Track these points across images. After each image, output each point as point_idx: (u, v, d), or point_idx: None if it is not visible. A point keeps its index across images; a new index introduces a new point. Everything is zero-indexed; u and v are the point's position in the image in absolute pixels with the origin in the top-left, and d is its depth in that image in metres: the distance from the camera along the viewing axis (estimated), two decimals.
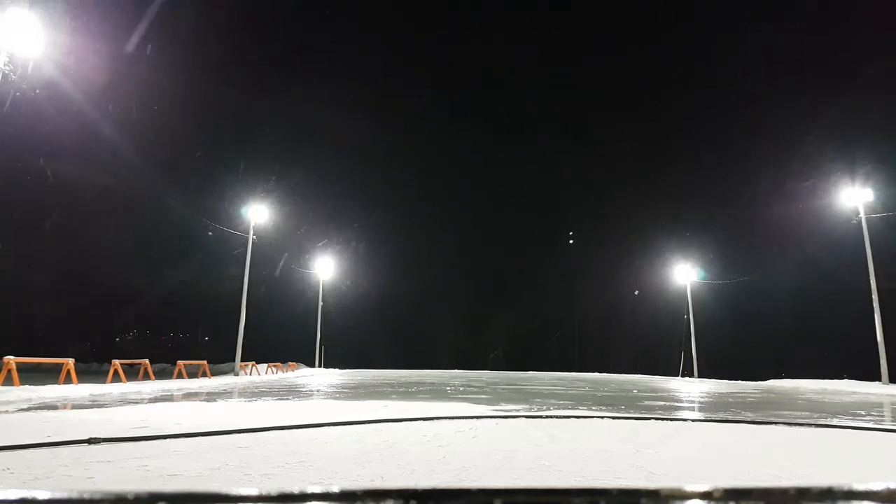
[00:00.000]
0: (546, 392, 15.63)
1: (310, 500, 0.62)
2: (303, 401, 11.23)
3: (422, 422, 6.85)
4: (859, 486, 0.64)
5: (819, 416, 9.53)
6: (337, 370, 38.78)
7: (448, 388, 16.50)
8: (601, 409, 9.85)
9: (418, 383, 19.76)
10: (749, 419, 8.50)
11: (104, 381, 15.02)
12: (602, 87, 77.07)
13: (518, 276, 65.80)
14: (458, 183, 79.13)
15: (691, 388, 20.76)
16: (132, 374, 19.01)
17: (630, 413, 9.08)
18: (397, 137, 71.26)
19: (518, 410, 9.35)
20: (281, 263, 37.39)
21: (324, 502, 0.62)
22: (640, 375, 37.51)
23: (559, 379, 27.88)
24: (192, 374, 21.42)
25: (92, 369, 30.79)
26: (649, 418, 7.81)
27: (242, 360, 25.81)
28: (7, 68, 13.45)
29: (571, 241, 60.39)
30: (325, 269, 41.86)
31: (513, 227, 77.51)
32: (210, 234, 28.37)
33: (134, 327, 66.09)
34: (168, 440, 4.90)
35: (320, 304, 40.78)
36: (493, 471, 3.87)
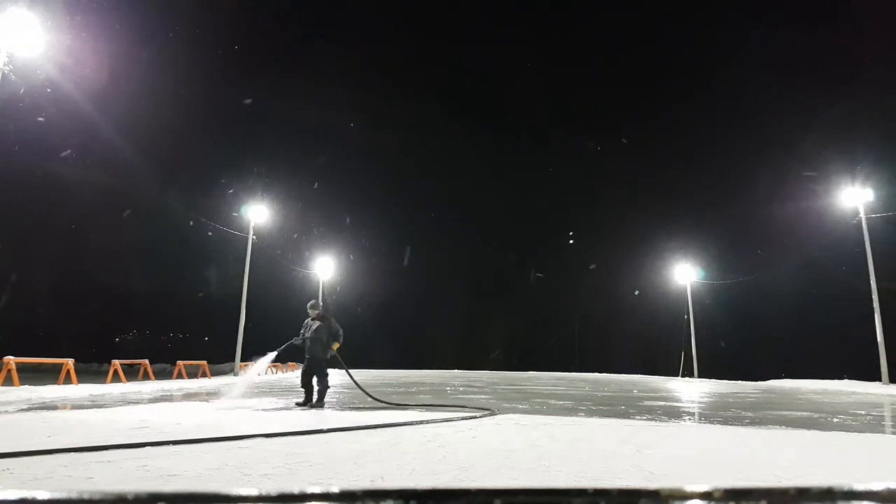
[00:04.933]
0: (546, 392, 15.62)
1: (310, 501, 0.61)
2: None
3: (419, 424, 6.84)
4: (859, 486, 0.64)
5: (819, 416, 9.52)
6: (336, 370, 38.74)
7: (448, 389, 16.50)
8: (602, 409, 9.85)
9: (418, 384, 19.76)
10: (749, 419, 8.51)
11: (104, 382, 15.01)
12: (603, 88, 77.14)
13: (518, 276, 65.90)
14: (458, 183, 79.19)
15: (691, 389, 20.75)
16: (132, 374, 19.00)
17: (632, 414, 9.08)
18: (397, 138, 71.34)
19: (519, 410, 9.34)
20: (281, 264, 37.40)
21: (324, 502, 0.62)
22: (640, 375, 37.51)
23: (559, 379, 27.88)
24: (192, 374, 21.40)
25: (92, 369, 30.78)
26: (648, 419, 7.81)
27: (242, 361, 25.78)
28: (7, 68, 13.44)
29: (571, 241, 60.44)
30: (325, 269, 41.85)
31: (513, 227, 77.57)
32: (210, 234, 28.38)
33: (134, 327, 66.14)
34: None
35: (320, 304, 40.72)
36: (493, 471, 3.87)
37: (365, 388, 10.18)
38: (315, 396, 9.00)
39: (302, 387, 9.18)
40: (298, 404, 9.02)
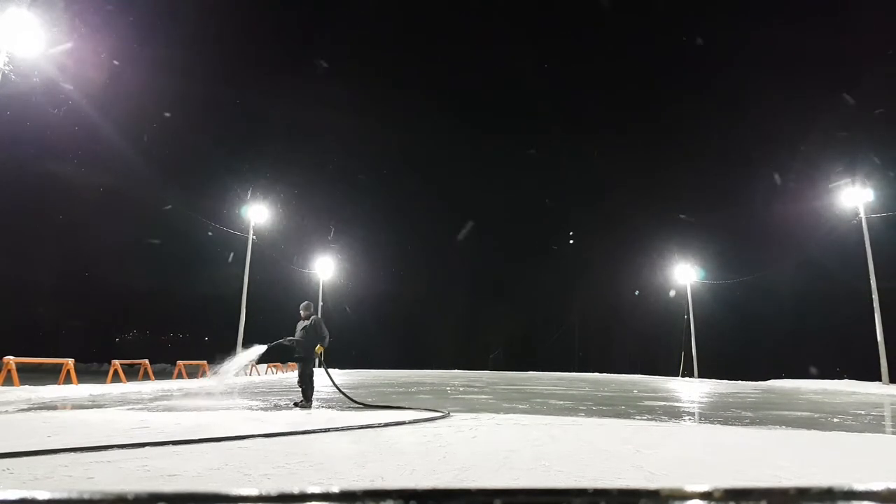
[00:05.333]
0: (546, 392, 15.62)
1: (310, 501, 0.61)
2: None
3: (416, 423, 6.85)
4: (859, 486, 0.64)
5: (819, 416, 9.52)
6: (337, 370, 38.75)
7: (448, 389, 16.50)
8: (601, 409, 9.84)
9: (418, 384, 19.76)
10: (749, 419, 8.51)
11: (104, 382, 15.01)
12: (603, 88, 77.11)
13: (518, 276, 65.84)
14: (458, 183, 79.12)
15: (691, 389, 20.76)
16: (132, 374, 19.00)
17: (632, 414, 9.07)
18: (397, 137, 71.32)
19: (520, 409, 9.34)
20: (280, 263, 37.44)
21: (324, 502, 0.62)
22: (640, 375, 37.50)
23: (559, 379, 27.87)
24: (192, 374, 21.40)
25: (92, 369, 30.77)
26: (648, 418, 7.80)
27: None
28: (7, 68, 13.44)
29: (571, 242, 60.42)
30: (325, 269, 41.86)
31: (513, 227, 77.52)
32: (210, 234, 28.40)
33: (134, 327, 66.10)
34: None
35: (320, 304, 40.78)
36: (492, 471, 3.87)
37: (345, 390, 10.23)
38: (305, 395, 9.22)
39: (299, 385, 9.39)
40: (296, 404, 9.24)
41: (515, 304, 63.14)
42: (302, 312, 9.55)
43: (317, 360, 9.54)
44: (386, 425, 6.38)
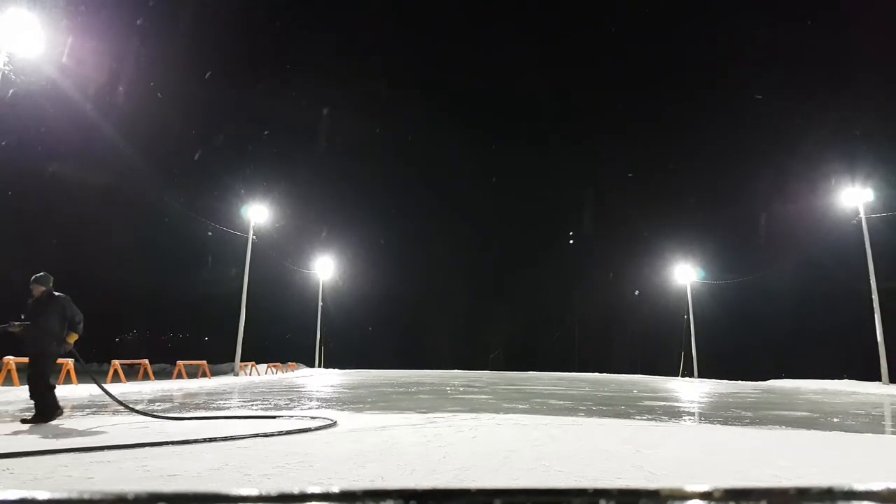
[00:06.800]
0: (546, 392, 15.62)
1: (310, 501, 0.61)
2: (303, 402, 11.22)
3: (419, 422, 6.85)
4: (859, 486, 0.64)
5: (819, 416, 9.52)
6: (337, 370, 38.75)
7: (448, 389, 16.50)
8: (601, 409, 9.84)
9: (418, 383, 19.76)
10: (749, 419, 8.51)
11: (104, 382, 15.00)
12: (603, 88, 77.08)
13: (518, 275, 65.81)
14: (458, 183, 79.08)
15: (691, 389, 20.75)
16: (132, 374, 19.01)
17: (632, 414, 9.07)
18: (397, 138, 71.34)
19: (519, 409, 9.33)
20: (280, 264, 37.44)
21: (324, 502, 0.62)
22: (640, 375, 37.49)
23: (559, 379, 27.86)
24: (192, 374, 21.40)
25: (92, 369, 30.76)
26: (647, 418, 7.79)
27: (242, 361, 25.79)
28: (7, 68, 13.44)
29: (571, 242, 60.39)
30: (325, 269, 41.87)
31: (513, 227, 77.52)
32: (210, 234, 28.41)
33: (134, 327, 66.12)
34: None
35: (320, 304, 40.79)
36: (492, 471, 3.87)
37: (119, 398, 8.11)
38: (44, 405, 6.56)
39: (32, 398, 6.67)
40: (24, 421, 6.46)
41: (515, 304, 63.12)
42: (33, 288, 6.67)
43: (61, 354, 7.00)
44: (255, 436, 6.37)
